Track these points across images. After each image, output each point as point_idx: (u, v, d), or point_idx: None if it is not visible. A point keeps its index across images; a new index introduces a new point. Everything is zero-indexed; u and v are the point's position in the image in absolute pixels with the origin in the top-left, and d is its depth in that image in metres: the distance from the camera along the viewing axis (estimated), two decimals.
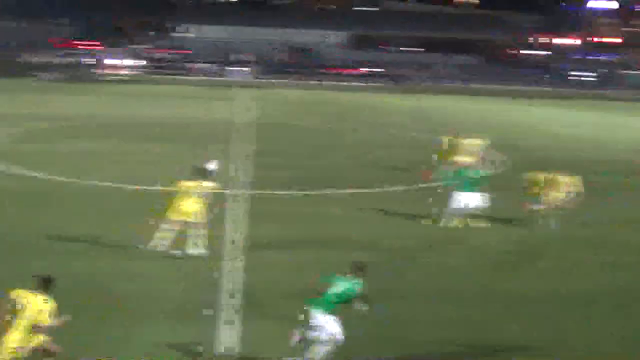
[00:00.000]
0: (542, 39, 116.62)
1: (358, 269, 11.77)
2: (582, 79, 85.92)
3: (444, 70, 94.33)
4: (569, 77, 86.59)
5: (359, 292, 11.60)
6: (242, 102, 54.57)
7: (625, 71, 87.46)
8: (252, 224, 19.88)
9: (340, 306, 11.57)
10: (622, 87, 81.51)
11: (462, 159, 26.49)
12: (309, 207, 22.67)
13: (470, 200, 20.69)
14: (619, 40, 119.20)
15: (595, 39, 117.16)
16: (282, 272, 16.37)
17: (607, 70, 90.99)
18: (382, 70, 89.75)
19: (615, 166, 32.79)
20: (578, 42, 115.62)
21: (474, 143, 27.91)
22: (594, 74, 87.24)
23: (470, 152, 27.19)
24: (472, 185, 20.81)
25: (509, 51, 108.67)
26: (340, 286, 11.57)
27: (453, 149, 27.26)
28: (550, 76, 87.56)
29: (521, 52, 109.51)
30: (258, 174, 27.02)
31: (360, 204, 23.29)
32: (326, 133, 40.56)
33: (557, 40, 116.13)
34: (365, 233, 19.89)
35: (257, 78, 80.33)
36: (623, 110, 60.95)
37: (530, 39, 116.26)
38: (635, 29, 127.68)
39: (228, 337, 12.59)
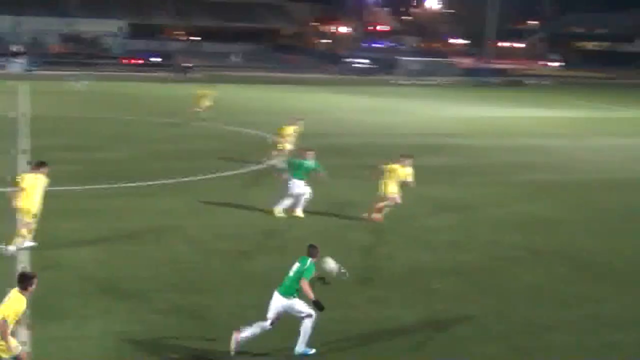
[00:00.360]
0: (323, 28, 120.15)
1: (314, 251, 12.45)
2: (360, 65, 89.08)
3: (232, 59, 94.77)
4: (348, 64, 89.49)
5: (310, 270, 12.21)
6: (23, 95, 52.13)
7: (399, 57, 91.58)
8: (48, 220, 19.29)
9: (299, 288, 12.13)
10: (397, 73, 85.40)
11: (289, 146, 27.42)
12: (106, 201, 22.27)
13: (301, 189, 21.04)
14: (392, 27, 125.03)
15: (372, 27, 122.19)
16: (83, 269, 16.06)
17: (382, 57, 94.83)
18: (166, 60, 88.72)
19: (399, 150, 34.53)
20: (355, 30, 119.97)
21: (295, 130, 28.54)
22: (371, 61, 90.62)
23: (292, 139, 28.06)
24: (302, 173, 21.06)
25: (291, 39, 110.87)
26: (296, 267, 12.28)
27: (282, 137, 28.01)
28: (331, 63, 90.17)
29: (303, 40, 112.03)
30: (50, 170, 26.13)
31: (159, 195, 23.26)
32: (116, 124, 39.66)
33: (335, 28, 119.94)
34: (170, 224, 19.88)
35: (31, 70, 76.75)
36: (399, 95, 64.04)
37: (312, 28, 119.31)
38: (407, 17, 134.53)
39: (24, 338, 12.25)
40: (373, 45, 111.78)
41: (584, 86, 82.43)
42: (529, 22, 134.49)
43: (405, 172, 20.94)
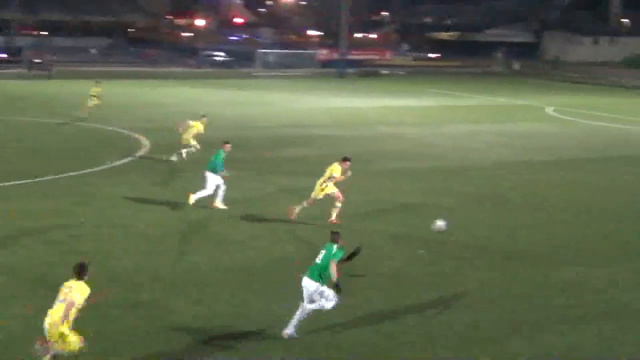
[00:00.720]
0: (178, 21, 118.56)
1: (336, 237, 13.26)
2: (219, 59, 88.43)
3: (92, 53, 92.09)
4: (206, 57, 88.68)
5: (338, 254, 13.05)
6: None
7: (257, 50, 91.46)
8: None
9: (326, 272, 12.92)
10: (255, 66, 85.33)
11: (194, 141, 27.76)
12: None
13: (217, 180, 21.24)
14: (248, 20, 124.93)
15: (228, 20, 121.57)
16: None
17: (240, 50, 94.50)
18: (13, 55, 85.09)
19: (261, 142, 34.61)
20: (211, 23, 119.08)
21: (197, 125, 28.45)
22: (229, 54, 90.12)
23: (194, 133, 28.12)
24: (215, 166, 21.25)
25: (146, 33, 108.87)
26: (322, 255, 13.05)
27: (188, 130, 28.16)
28: (189, 57, 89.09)
29: (159, 33, 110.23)
30: None
31: (12, 197, 22.41)
32: None
33: (191, 21, 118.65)
34: (25, 226, 19.19)
35: None
36: (258, 88, 63.97)
37: (166, 21, 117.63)
38: (263, 9, 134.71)
39: None
40: (230, 38, 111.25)
41: (436, 75, 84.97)
42: (382, 13, 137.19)
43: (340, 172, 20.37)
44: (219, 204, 21.49)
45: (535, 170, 30.06)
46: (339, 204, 20.39)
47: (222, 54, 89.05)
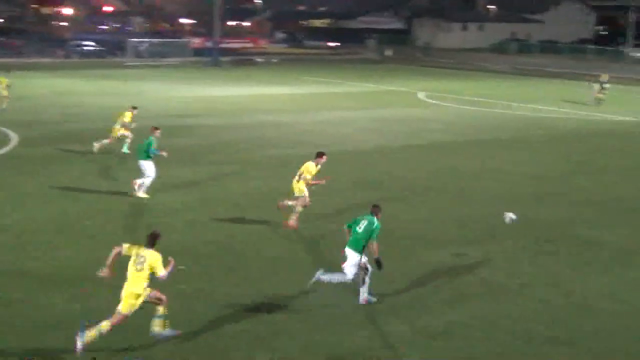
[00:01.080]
0: (44, 9, 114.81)
1: (377, 210, 14.25)
2: (88, 48, 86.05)
3: None
4: (75, 47, 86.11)
5: (378, 228, 14.00)
6: None
7: (128, 39, 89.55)
8: None
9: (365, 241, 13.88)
10: (127, 55, 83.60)
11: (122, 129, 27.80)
12: None
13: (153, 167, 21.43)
14: (117, 8, 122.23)
15: (97, 8, 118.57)
16: None
17: (110, 39, 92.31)
18: None
19: (136, 133, 33.88)
20: (79, 11, 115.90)
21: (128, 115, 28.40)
22: (99, 43, 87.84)
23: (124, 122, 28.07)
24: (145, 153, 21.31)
25: (10, 22, 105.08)
26: (364, 224, 13.95)
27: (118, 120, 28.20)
28: (57, 47, 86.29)
29: (26, 23, 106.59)
30: None
31: None
32: None
33: (58, 10, 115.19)
34: None
35: None
36: (130, 78, 62.59)
37: (31, 10, 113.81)
38: None
39: None
40: (100, 27, 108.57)
41: (309, 62, 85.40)
42: (255, 1, 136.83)
43: (315, 170, 19.47)
44: (141, 193, 21.45)
45: (409, 155, 30.67)
46: (300, 209, 19.22)
47: (92, 43, 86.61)
